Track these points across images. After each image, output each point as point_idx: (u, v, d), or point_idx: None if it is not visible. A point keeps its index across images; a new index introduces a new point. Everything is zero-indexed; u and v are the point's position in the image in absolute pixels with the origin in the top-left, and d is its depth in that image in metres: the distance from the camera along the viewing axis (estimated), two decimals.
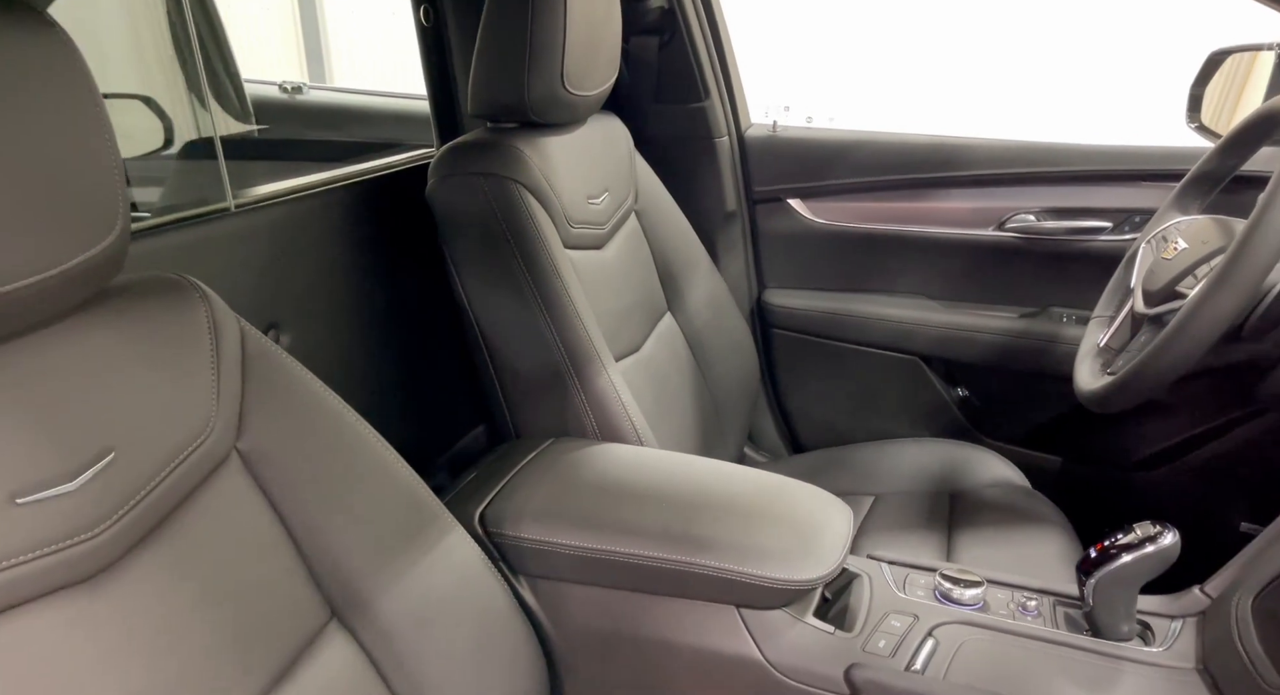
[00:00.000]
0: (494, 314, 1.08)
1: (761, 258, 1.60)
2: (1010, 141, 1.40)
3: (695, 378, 1.38)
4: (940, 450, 1.39)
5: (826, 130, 1.55)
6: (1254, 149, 1.02)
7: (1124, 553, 0.77)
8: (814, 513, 0.86)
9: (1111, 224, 1.33)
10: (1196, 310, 0.80)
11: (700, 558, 0.80)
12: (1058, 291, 1.39)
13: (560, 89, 1.09)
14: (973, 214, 1.42)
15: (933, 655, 0.78)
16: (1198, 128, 1.35)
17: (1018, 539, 1.14)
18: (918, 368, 1.50)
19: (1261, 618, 0.74)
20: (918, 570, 0.90)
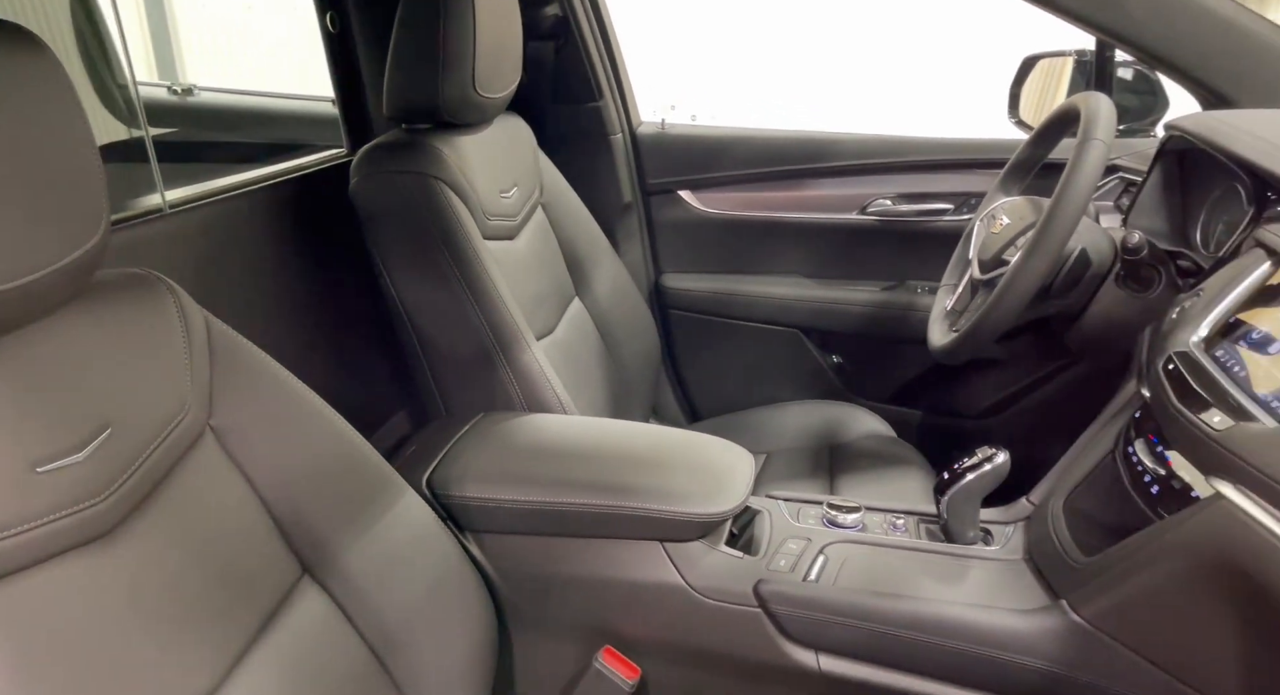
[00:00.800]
0: (422, 302, 1.17)
1: (657, 245, 1.74)
2: (869, 136, 1.60)
3: (604, 356, 1.51)
4: (820, 410, 1.57)
5: (710, 127, 1.71)
6: (1057, 140, 1.24)
7: (968, 473, 0.95)
8: (721, 459, 1.00)
9: (952, 206, 1.54)
10: (1017, 273, 0.99)
11: (628, 502, 0.93)
12: (912, 266, 1.59)
13: (472, 91, 1.18)
14: (839, 200, 1.61)
15: (824, 568, 0.94)
16: (1017, 122, 1.58)
17: (887, 477, 1.32)
18: (798, 339, 1.68)
19: (1069, 514, 0.93)
20: (808, 504, 1.06)
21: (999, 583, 0.91)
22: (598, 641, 0.97)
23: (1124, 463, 0.89)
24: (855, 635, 0.90)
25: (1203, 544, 0.72)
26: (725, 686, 0.96)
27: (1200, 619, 0.74)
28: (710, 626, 0.94)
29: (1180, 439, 0.80)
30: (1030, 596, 0.88)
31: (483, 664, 0.92)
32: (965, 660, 0.86)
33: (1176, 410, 0.80)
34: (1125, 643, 0.80)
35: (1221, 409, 0.75)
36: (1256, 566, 0.65)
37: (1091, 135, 1.00)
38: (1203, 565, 0.72)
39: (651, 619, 0.96)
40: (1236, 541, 0.68)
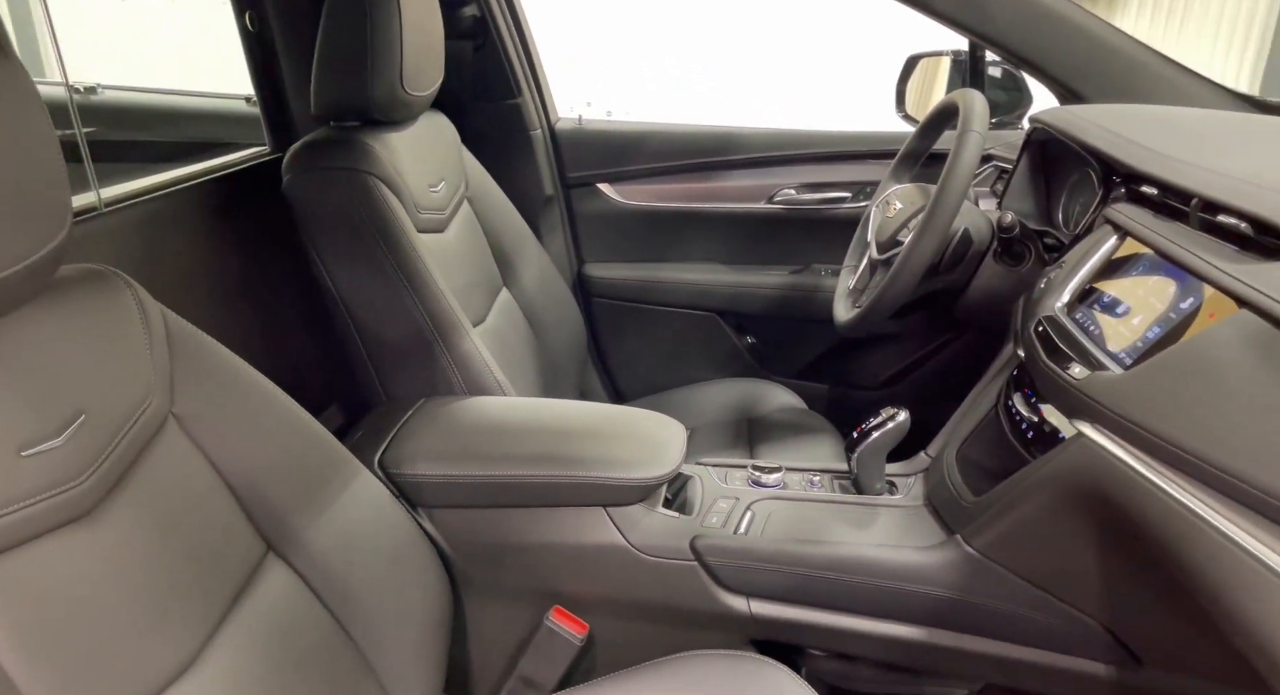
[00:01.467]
0: (361, 294, 1.21)
1: (579, 236, 1.81)
2: (773, 130, 1.71)
3: (532, 344, 1.58)
4: (738, 388, 1.68)
5: (625, 122, 1.79)
6: (939, 133, 1.37)
7: (874, 431, 1.07)
8: (656, 430, 1.09)
9: (850, 194, 1.68)
10: (910, 252, 1.12)
11: (572, 471, 1.01)
12: (816, 250, 1.72)
13: (400, 90, 1.23)
14: (748, 191, 1.72)
15: (752, 522, 1.05)
16: (904, 116, 1.73)
17: (801, 444, 1.44)
18: (715, 322, 1.78)
19: (960, 462, 1.06)
20: (733, 468, 1.16)
21: (903, 525, 1.03)
22: (548, 602, 1.05)
23: (1005, 415, 1.02)
24: (782, 580, 1.00)
25: (1068, 476, 0.85)
26: (666, 635, 1.05)
27: (1068, 540, 0.87)
28: (651, 581, 1.03)
29: (1049, 389, 0.94)
30: (930, 535, 1.00)
31: (440, 630, 0.98)
32: (877, 594, 0.98)
33: (1045, 365, 0.93)
34: (1008, 567, 0.93)
35: (1081, 362, 0.88)
36: (1111, 490, 0.78)
37: (969, 128, 1.13)
38: (1068, 494, 0.85)
39: (597, 578, 1.04)
40: (1095, 471, 0.81)
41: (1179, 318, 0.82)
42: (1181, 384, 0.74)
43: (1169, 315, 0.83)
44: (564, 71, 1.93)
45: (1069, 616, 0.92)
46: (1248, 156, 0.98)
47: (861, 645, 1.02)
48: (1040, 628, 0.94)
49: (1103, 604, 0.89)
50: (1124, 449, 0.77)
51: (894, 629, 0.99)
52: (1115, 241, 1.00)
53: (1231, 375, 0.69)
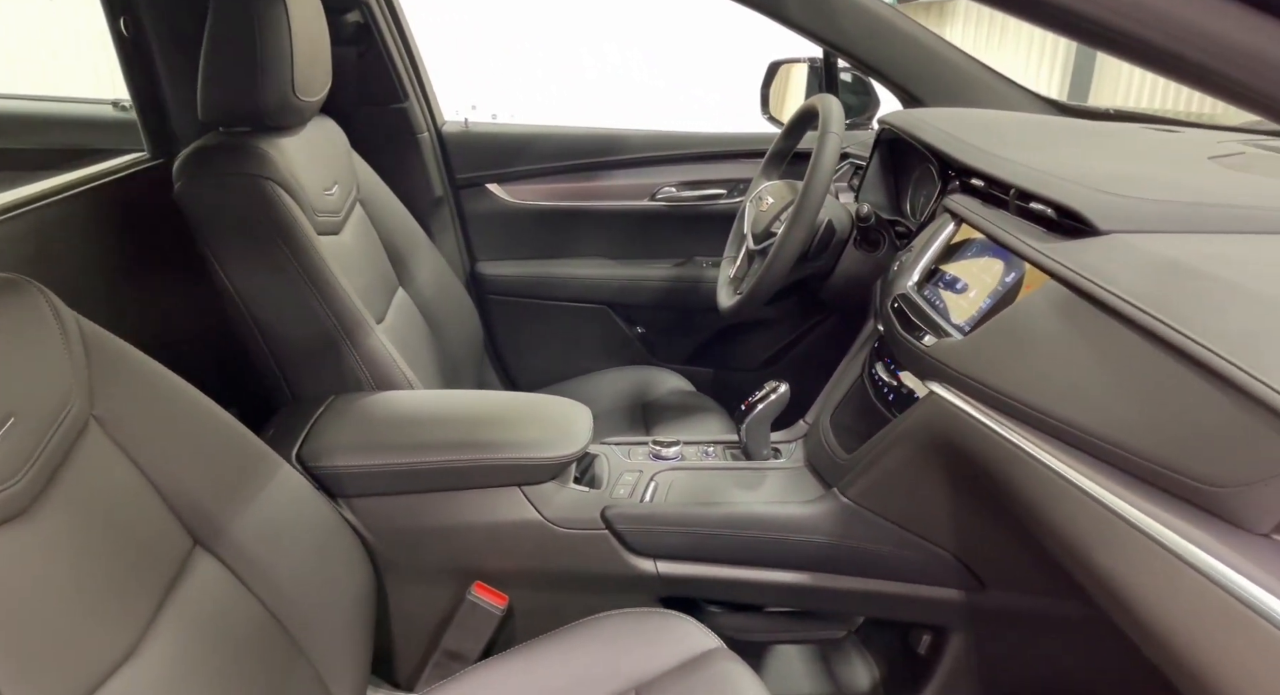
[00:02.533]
0: (264, 297, 1.23)
1: (470, 235, 1.87)
2: (653, 131, 1.83)
3: (430, 341, 1.63)
4: (630, 375, 1.79)
5: (511, 125, 1.86)
6: (802, 134, 1.52)
7: (760, 403, 1.19)
8: (564, 412, 1.17)
9: (726, 190, 1.81)
10: (783, 241, 1.25)
11: (488, 454, 1.08)
12: (697, 244, 1.85)
13: (291, 95, 1.26)
14: (632, 189, 1.83)
15: (656, 491, 1.15)
16: (769, 118, 1.88)
17: (692, 422, 1.56)
18: (606, 314, 1.88)
19: (834, 426, 1.20)
20: (635, 445, 1.26)
21: (788, 484, 1.16)
22: (468, 579, 1.12)
23: (869, 382, 1.17)
24: (685, 540, 1.11)
25: (923, 429, 0.99)
26: (581, 601, 1.14)
27: (925, 484, 1.02)
28: (566, 552, 1.11)
29: (905, 357, 1.08)
30: (811, 490, 1.13)
31: (366, 612, 1.04)
32: (769, 545, 1.10)
33: (902, 337, 1.08)
34: (877, 512, 1.07)
35: (930, 332, 1.03)
36: (959, 438, 0.93)
37: (827, 130, 1.27)
38: (925, 444, 0.99)
39: (515, 553, 1.12)
40: (945, 423, 0.95)
41: (1005, 290, 0.97)
42: (1008, 345, 0.89)
43: (997, 288, 0.99)
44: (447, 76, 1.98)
45: (927, 550, 1.07)
46: (1054, 153, 1.16)
47: (757, 593, 1.14)
48: (904, 562, 1.09)
49: (953, 537, 1.05)
50: (967, 402, 0.92)
51: (784, 576, 1.12)
52: (953, 228, 1.16)
53: (1044, 335, 0.85)
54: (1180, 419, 0.65)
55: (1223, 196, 0.92)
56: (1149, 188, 0.96)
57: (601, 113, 4.05)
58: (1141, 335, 0.72)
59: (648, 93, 4.24)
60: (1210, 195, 0.93)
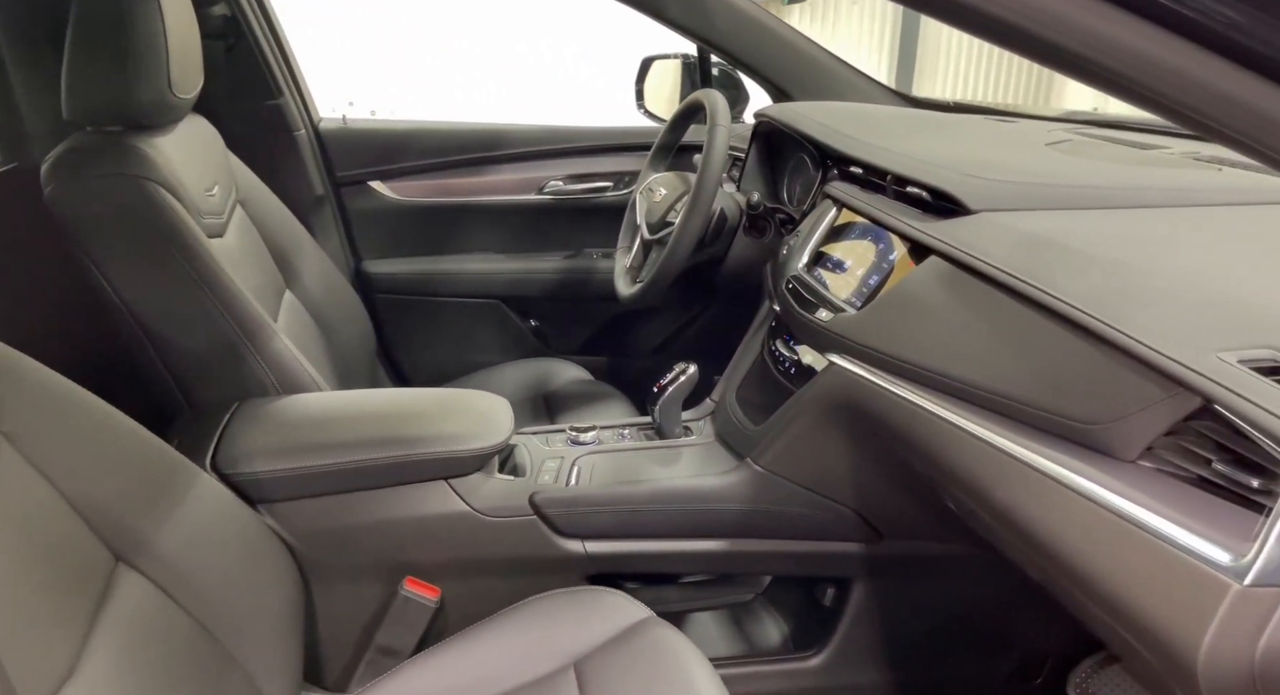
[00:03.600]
0: (155, 304, 1.18)
1: (354, 234, 1.83)
2: (538, 126, 1.85)
3: (322, 343, 1.59)
4: (527, 368, 1.81)
5: (392, 121, 1.84)
6: (686, 127, 1.59)
7: (670, 385, 1.26)
8: (483, 404, 1.19)
9: (613, 183, 1.87)
10: (681, 230, 1.31)
11: (413, 449, 1.09)
12: (587, 236, 1.89)
13: (168, 93, 1.20)
14: (520, 183, 1.85)
15: (580, 475, 1.19)
16: (645, 112, 1.95)
17: (596, 409, 1.61)
18: (498, 308, 1.89)
19: (740, 402, 1.29)
20: (552, 433, 1.30)
21: (703, 458, 1.23)
22: (399, 574, 1.12)
23: (770, 359, 1.26)
24: (611, 519, 1.16)
25: (826, 397, 1.09)
26: (512, 587, 1.16)
27: (829, 448, 1.12)
28: (496, 540, 1.14)
29: (804, 333, 1.18)
30: (726, 462, 1.21)
31: (296, 617, 1.02)
32: (690, 516, 1.17)
33: (799, 314, 1.17)
34: (786, 476, 1.16)
35: (826, 308, 1.12)
36: (861, 402, 1.02)
37: (716, 123, 1.34)
38: (828, 411, 1.09)
39: (445, 545, 1.13)
40: (846, 390, 1.05)
41: (889, 267, 1.08)
42: (900, 316, 1.00)
43: (881, 265, 1.10)
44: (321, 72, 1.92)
45: (831, 508, 1.17)
46: (920, 142, 1.28)
47: (680, 563, 1.20)
48: (811, 521, 1.18)
49: (854, 494, 1.15)
50: (866, 370, 1.01)
51: (705, 545, 1.19)
52: (835, 213, 1.26)
53: (932, 305, 0.95)
54: (1055, 368, 0.77)
55: (1066, 178, 1.07)
56: (1007, 172, 1.10)
57: (487, 107, 4.03)
58: (1015, 299, 0.83)
59: (534, 86, 4.25)
60: (1056, 177, 1.07)
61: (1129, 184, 1.02)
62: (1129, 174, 1.08)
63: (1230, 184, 1.00)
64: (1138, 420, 0.68)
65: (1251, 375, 0.61)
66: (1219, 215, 0.90)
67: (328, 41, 3.44)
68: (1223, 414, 0.62)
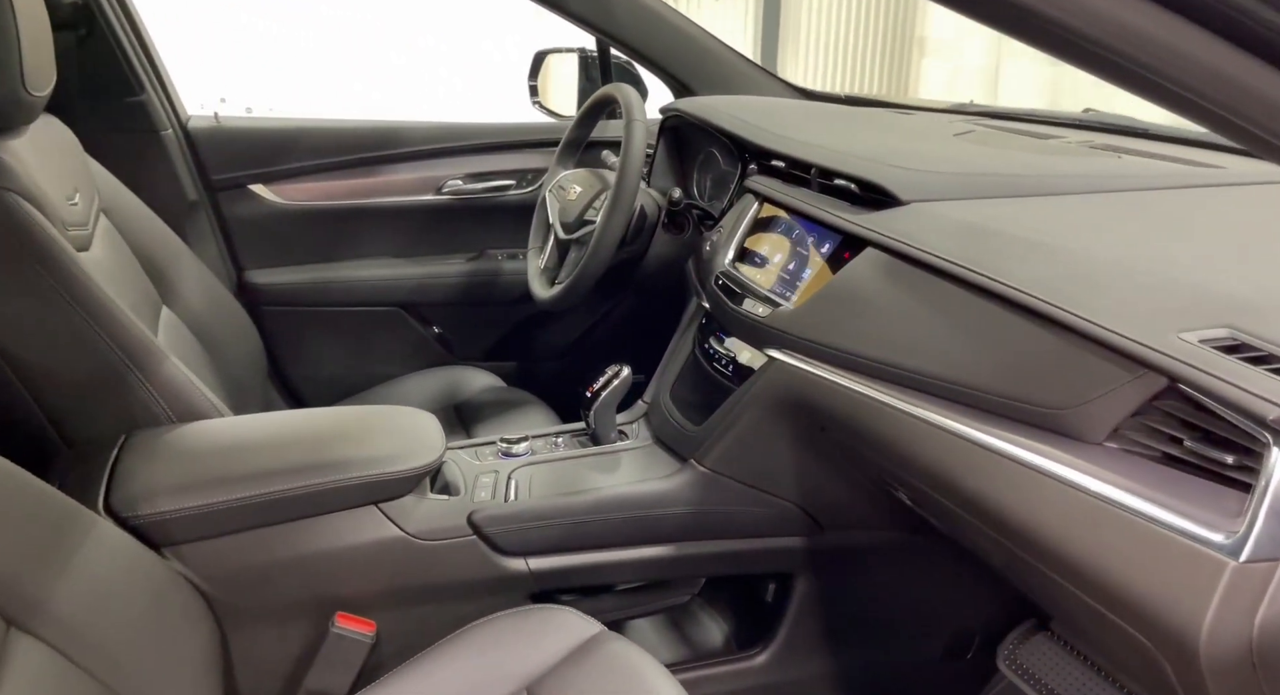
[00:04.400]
0: (20, 329, 1.03)
1: (235, 242, 1.68)
2: (434, 123, 1.76)
3: (208, 364, 1.45)
4: (434, 377, 1.72)
5: (273, 119, 1.70)
6: (595, 122, 1.55)
7: (604, 390, 1.22)
8: (411, 422, 1.11)
9: (515, 181, 1.80)
10: (604, 227, 1.27)
11: (338, 475, 1.00)
12: (490, 237, 1.82)
13: (22, 91, 1.05)
14: (416, 183, 1.75)
15: (518, 488, 1.13)
16: (541, 108, 1.89)
17: (513, 417, 1.54)
18: (398, 316, 1.79)
19: (676, 402, 1.26)
20: (482, 446, 1.23)
21: (645, 462, 1.20)
22: (329, 611, 1.03)
23: (704, 357, 1.24)
24: (554, 532, 1.11)
25: (770, 392, 1.08)
26: (453, 612, 1.09)
27: (772, 444, 1.11)
28: (434, 564, 1.07)
29: (740, 329, 1.16)
30: (668, 465, 1.18)
31: (213, 669, 0.93)
32: (635, 523, 1.13)
33: (733, 310, 1.15)
34: (731, 476, 1.14)
35: (762, 303, 1.11)
36: (806, 395, 1.02)
37: (633, 117, 1.31)
38: (772, 406, 1.08)
39: (379, 575, 1.05)
40: (790, 384, 1.04)
41: (822, 260, 1.08)
42: (842, 308, 1.00)
43: (814, 259, 1.10)
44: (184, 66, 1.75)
45: (774, 504, 1.16)
46: (838, 134, 1.30)
47: (627, 572, 1.17)
48: (755, 519, 1.18)
49: (796, 488, 1.15)
50: (811, 364, 1.01)
51: (650, 551, 1.16)
52: (757, 207, 1.26)
53: (874, 296, 0.96)
54: (1015, 356, 0.78)
55: (989, 168, 1.10)
56: (931, 162, 1.12)
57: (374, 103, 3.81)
58: (965, 288, 0.85)
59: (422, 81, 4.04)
60: (980, 167, 1.10)
61: (1047, 172, 1.06)
62: (1043, 162, 1.13)
63: (1137, 170, 1.06)
64: (1104, 403, 0.70)
65: (1215, 353, 0.63)
66: (1145, 200, 0.95)
67: (192, 33, 3.17)
68: (1188, 393, 0.64)
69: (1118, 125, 1.30)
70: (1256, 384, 0.59)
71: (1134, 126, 1.28)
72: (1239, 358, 0.62)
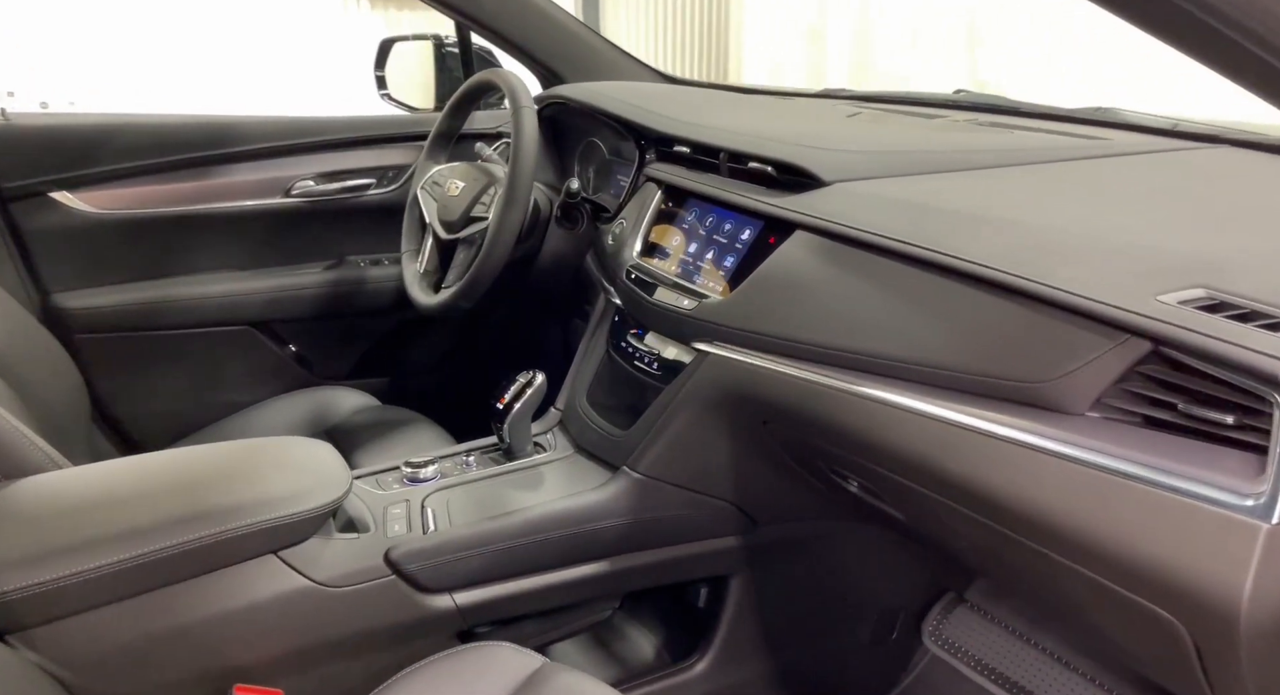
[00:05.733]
0: None
1: (36, 260, 1.41)
2: (275, 118, 1.56)
3: (17, 406, 1.20)
4: (298, 402, 1.53)
5: (76, 115, 1.44)
6: (469, 112, 1.43)
7: (517, 400, 1.11)
8: (304, 453, 0.96)
9: (375, 180, 1.63)
10: (500, 224, 1.17)
11: (229, 524, 0.84)
12: (349, 243, 1.64)
13: None
14: (260, 185, 1.54)
15: (435, 516, 1.01)
16: (390, 100, 1.74)
17: (400, 438, 1.39)
18: (250, 335, 1.58)
19: (595, 407, 1.18)
20: (384, 473, 1.09)
21: (571, 474, 1.10)
22: (224, 684, 0.86)
23: (621, 357, 1.16)
24: (482, 562, 1.00)
25: (705, 389, 1.02)
26: (371, 664, 0.96)
27: (710, 442, 1.05)
28: (349, 613, 0.92)
29: (662, 324, 1.10)
30: (598, 474, 1.09)
31: None
32: (571, 541, 1.04)
33: (650, 304, 1.09)
34: (666, 479, 1.08)
35: (681, 295, 1.05)
36: (746, 388, 0.97)
37: (520, 104, 1.21)
38: (710, 403, 1.02)
39: (283, 634, 0.89)
40: (728, 378, 0.98)
41: (744, 247, 1.03)
42: (776, 295, 0.95)
43: (734, 246, 1.05)
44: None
45: (710, 505, 1.11)
46: (743, 119, 1.26)
47: (562, 595, 1.07)
48: (690, 523, 1.12)
49: (734, 485, 1.10)
50: (750, 355, 0.96)
51: (585, 570, 1.07)
52: (662, 195, 1.20)
53: (814, 280, 0.92)
54: (980, 332, 0.76)
55: (901, 145, 1.09)
56: (844, 142, 1.10)
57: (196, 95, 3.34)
58: (915, 266, 0.82)
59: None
60: (893, 145, 1.10)
61: (959, 148, 1.07)
62: (948, 139, 1.14)
63: (1039, 143, 1.08)
64: (1086, 372, 0.69)
65: (1201, 314, 0.64)
66: (1062, 172, 0.97)
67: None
68: (1172, 356, 0.64)
69: (990, 104, 1.34)
70: (1257, 341, 0.59)
71: (1005, 105, 1.33)
72: (1225, 316, 0.63)
